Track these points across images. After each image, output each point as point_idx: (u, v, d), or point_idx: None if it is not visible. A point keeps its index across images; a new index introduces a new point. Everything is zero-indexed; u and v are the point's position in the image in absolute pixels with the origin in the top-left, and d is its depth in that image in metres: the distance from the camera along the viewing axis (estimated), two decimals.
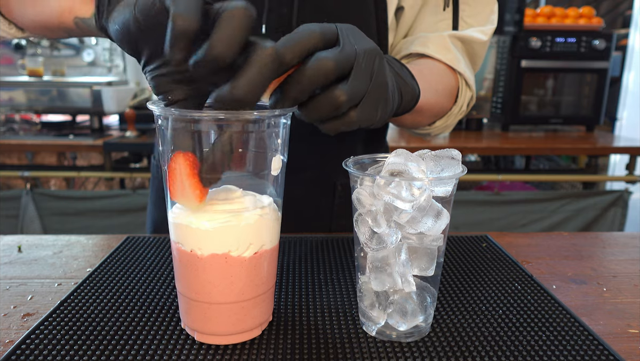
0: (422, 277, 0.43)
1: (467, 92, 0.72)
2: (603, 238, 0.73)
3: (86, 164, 3.07)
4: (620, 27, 3.41)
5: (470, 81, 0.71)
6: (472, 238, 0.69)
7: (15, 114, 2.41)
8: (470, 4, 0.71)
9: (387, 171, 0.40)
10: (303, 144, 0.72)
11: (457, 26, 0.70)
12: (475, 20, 0.71)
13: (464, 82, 0.71)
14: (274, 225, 0.43)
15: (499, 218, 2.12)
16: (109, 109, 2.33)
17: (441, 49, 0.68)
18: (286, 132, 0.42)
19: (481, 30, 0.71)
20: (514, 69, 2.36)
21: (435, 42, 0.68)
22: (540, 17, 2.39)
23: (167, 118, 0.39)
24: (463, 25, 0.71)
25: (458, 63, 0.68)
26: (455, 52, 0.69)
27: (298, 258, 0.61)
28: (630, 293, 0.55)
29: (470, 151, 2.22)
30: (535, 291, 0.53)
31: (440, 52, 0.68)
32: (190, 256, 0.41)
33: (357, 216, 0.42)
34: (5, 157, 2.93)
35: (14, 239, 0.68)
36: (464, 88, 0.71)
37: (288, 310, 0.48)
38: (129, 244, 0.65)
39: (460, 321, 0.47)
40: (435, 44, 0.68)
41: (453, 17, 0.70)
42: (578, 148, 2.19)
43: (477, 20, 0.71)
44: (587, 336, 0.44)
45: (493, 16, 0.72)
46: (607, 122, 3.10)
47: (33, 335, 0.43)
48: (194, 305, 0.42)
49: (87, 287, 0.53)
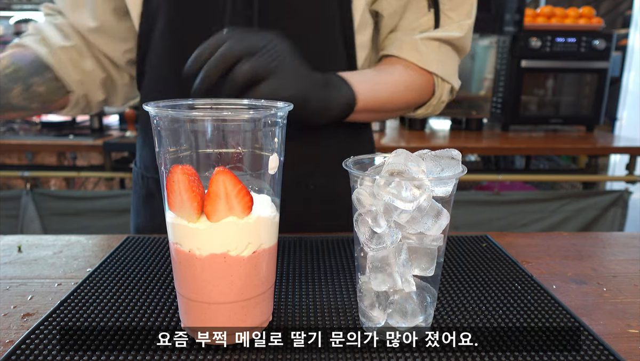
0: (422, 277, 0.43)
1: (445, 85, 0.78)
2: (603, 238, 0.73)
3: (86, 164, 3.07)
4: (620, 27, 3.41)
5: (447, 76, 0.77)
6: (472, 238, 0.69)
7: None
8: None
9: (387, 171, 0.40)
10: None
11: (438, 21, 0.76)
12: (456, 14, 0.76)
13: (440, 79, 0.77)
14: (272, 224, 0.43)
15: (499, 218, 2.12)
16: (109, 109, 2.33)
17: (413, 52, 0.75)
18: (283, 132, 0.43)
19: (459, 25, 0.76)
20: (514, 69, 2.36)
21: (409, 45, 0.75)
22: (540, 17, 2.39)
23: (162, 118, 0.39)
24: (445, 20, 0.76)
25: (429, 64, 0.75)
26: (428, 52, 0.75)
27: (298, 258, 0.61)
28: (630, 293, 0.55)
29: (470, 151, 2.22)
30: (535, 291, 0.53)
31: (412, 55, 0.74)
32: (188, 256, 0.41)
33: (357, 216, 0.42)
34: (5, 157, 2.93)
35: (14, 239, 0.68)
36: (440, 83, 0.77)
37: (288, 310, 0.48)
38: (129, 244, 0.65)
39: (460, 321, 0.47)
40: (408, 48, 0.75)
41: (435, 13, 0.76)
42: (578, 148, 2.19)
43: (458, 14, 0.76)
44: (587, 336, 0.44)
45: (472, 10, 0.77)
46: (607, 122, 3.10)
47: (33, 335, 0.43)
48: (193, 305, 0.42)
49: (87, 287, 0.53)
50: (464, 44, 0.77)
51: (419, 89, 0.76)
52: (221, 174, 0.37)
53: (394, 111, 0.78)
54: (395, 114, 0.80)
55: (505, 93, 2.45)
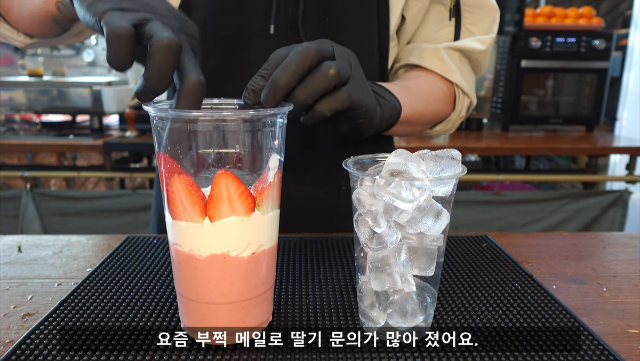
0: (422, 277, 0.43)
1: (465, 99, 0.75)
2: (603, 238, 0.73)
3: (86, 164, 3.07)
4: (620, 27, 3.41)
5: (467, 90, 0.73)
6: (472, 238, 0.69)
7: (15, 114, 2.41)
8: (473, 12, 0.73)
9: (387, 171, 0.40)
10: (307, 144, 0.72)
11: (459, 34, 0.73)
12: (477, 29, 0.73)
13: (461, 91, 0.73)
14: (272, 225, 0.43)
15: (499, 218, 2.12)
16: (109, 109, 2.32)
17: (436, 61, 0.71)
18: (283, 132, 0.43)
19: (480, 39, 0.73)
20: (514, 69, 2.36)
21: (431, 54, 0.71)
22: (540, 17, 2.39)
23: (162, 119, 0.39)
24: (465, 33, 0.73)
25: (452, 74, 0.71)
26: (450, 63, 0.71)
27: (298, 258, 0.61)
28: (630, 293, 0.55)
29: (470, 151, 2.22)
30: (535, 291, 0.53)
31: (435, 64, 0.71)
32: (188, 257, 0.41)
33: (357, 216, 0.42)
34: (5, 157, 2.93)
35: (14, 239, 0.68)
36: (461, 96, 0.74)
37: (288, 310, 0.48)
38: (129, 244, 0.65)
39: (460, 321, 0.47)
40: (430, 56, 0.71)
41: (455, 25, 0.73)
42: (578, 148, 2.19)
43: (479, 29, 0.73)
44: (587, 336, 0.44)
45: (494, 25, 0.74)
46: (607, 122, 3.10)
47: (33, 335, 0.43)
48: (193, 305, 0.42)
49: (87, 287, 0.53)
50: (483, 59, 0.74)
51: (445, 99, 0.73)
52: (223, 177, 0.38)
53: (424, 125, 0.73)
54: (423, 127, 0.75)
55: (505, 93, 2.45)
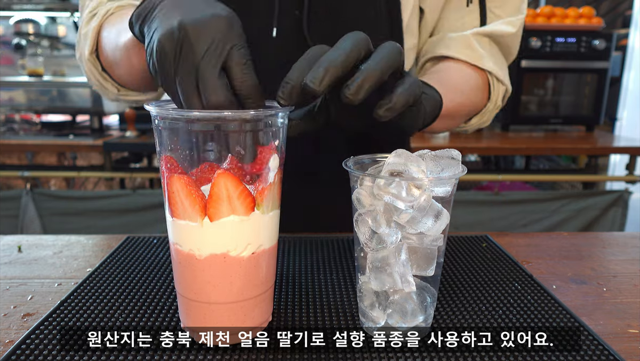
0: (422, 277, 0.43)
1: (500, 86, 0.70)
2: (603, 238, 0.73)
3: (86, 164, 3.07)
4: (620, 27, 3.41)
5: (501, 76, 0.69)
6: (472, 238, 0.69)
7: (15, 114, 2.41)
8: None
9: (387, 171, 0.40)
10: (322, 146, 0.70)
11: (485, 19, 0.69)
12: (503, 11, 0.69)
13: (495, 78, 0.69)
14: (272, 225, 0.43)
15: (499, 218, 2.11)
16: (109, 109, 2.33)
17: (464, 49, 0.67)
18: (284, 132, 0.42)
19: (509, 21, 0.69)
20: (514, 69, 2.34)
21: (459, 42, 0.67)
22: (540, 17, 2.38)
23: (164, 119, 0.39)
24: (491, 17, 0.69)
25: (483, 61, 0.67)
26: (480, 49, 0.67)
27: (298, 258, 0.61)
28: (630, 293, 0.55)
29: (470, 151, 2.22)
30: (535, 291, 0.53)
31: (464, 52, 0.67)
32: (188, 256, 0.41)
33: (357, 216, 0.42)
34: (5, 157, 2.93)
35: (14, 239, 0.68)
36: (496, 83, 0.70)
37: (288, 310, 0.48)
38: (129, 244, 0.65)
39: (460, 321, 0.47)
40: (458, 45, 0.67)
41: (480, 10, 0.68)
42: (578, 148, 2.19)
43: (506, 11, 0.69)
44: (587, 336, 0.44)
45: (523, 5, 0.69)
46: (607, 122, 3.10)
47: (33, 335, 0.43)
48: (193, 305, 0.42)
49: (87, 287, 0.53)
50: (514, 42, 0.70)
51: (480, 89, 0.68)
52: (223, 176, 0.38)
53: (462, 117, 0.69)
54: (461, 121, 0.71)
55: None
